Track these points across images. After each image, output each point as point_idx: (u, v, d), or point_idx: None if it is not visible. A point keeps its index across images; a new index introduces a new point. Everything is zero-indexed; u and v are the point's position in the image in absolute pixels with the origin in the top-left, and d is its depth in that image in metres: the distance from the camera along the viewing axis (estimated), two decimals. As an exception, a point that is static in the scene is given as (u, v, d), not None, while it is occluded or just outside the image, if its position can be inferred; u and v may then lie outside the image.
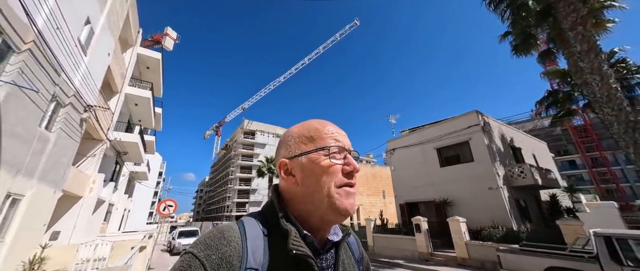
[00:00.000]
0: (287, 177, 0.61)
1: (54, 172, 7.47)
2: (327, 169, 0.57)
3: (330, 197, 0.56)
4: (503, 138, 12.42)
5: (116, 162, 14.79)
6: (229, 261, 0.48)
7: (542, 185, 10.78)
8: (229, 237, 0.52)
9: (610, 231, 4.10)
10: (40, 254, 7.06)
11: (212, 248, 0.49)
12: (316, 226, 0.59)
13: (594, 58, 7.02)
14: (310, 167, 0.58)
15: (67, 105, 7.41)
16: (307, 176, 0.58)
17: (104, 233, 13.90)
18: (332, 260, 0.60)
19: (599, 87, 6.88)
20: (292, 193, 0.61)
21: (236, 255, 0.50)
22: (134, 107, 15.00)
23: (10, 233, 6.01)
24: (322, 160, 0.58)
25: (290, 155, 0.61)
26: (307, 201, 0.58)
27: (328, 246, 0.61)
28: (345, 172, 0.59)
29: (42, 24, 5.43)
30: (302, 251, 0.51)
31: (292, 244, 0.51)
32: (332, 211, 0.56)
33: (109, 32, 9.58)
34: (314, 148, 0.59)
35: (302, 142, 0.61)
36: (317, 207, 0.57)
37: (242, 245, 0.52)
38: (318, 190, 0.57)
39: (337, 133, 0.63)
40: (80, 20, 7.28)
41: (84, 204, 10.47)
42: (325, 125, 0.63)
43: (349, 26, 61.27)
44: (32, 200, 6.54)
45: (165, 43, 29.02)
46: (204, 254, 0.48)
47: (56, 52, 6.13)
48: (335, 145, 0.59)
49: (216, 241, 0.51)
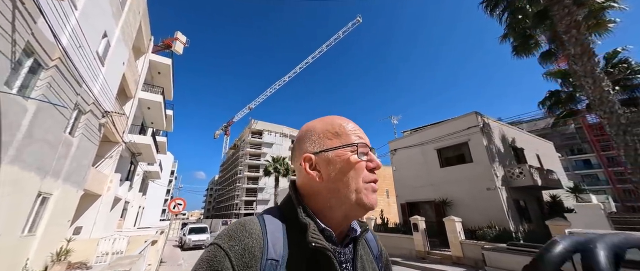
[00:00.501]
0: (311, 171, 0.61)
1: (77, 173, 8.24)
2: (355, 165, 0.58)
3: (358, 192, 0.57)
4: (504, 139, 12.45)
5: (131, 162, 15.75)
6: (251, 252, 0.50)
7: (542, 185, 10.81)
8: (250, 229, 0.53)
9: (582, 231, 4.32)
10: (66, 247, 7.83)
11: (235, 239, 0.51)
12: (338, 221, 0.59)
13: (587, 61, 7.10)
14: (337, 163, 0.59)
15: (88, 112, 8.14)
16: (333, 171, 0.59)
17: (120, 229, 14.86)
18: (350, 254, 0.61)
19: (592, 90, 6.97)
20: (314, 189, 0.61)
21: (258, 246, 0.51)
22: (146, 110, 15.87)
23: (40, 228, 6.76)
24: (350, 156, 0.58)
25: (316, 150, 0.62)
26: (332, 197, 0.59)
27: (346, 241, 0.61)
28: (369, 169, 0.60)
29: (66, 42, 6.10)
30: (321, 244, 0.52)
31: (311, 236, 0.52)
32: (358, 206, 0.57)
33: (124, 43, 10.32)
34: (341, 144, 0.60)
35: (327, 137, 0.62)
36: (342, 203, 0.57)
37: (262, 237, 0.53)
38: (345, 186, 0.57)
39: (359, 130, 0.64)
40: (98, 35, 7.98)
41: (102, 202, 11.33)
42: (347, 122, 0.64)
43: (352, 23, 61.04)
44: (59, 198, 7.30)
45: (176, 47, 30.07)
46: (227, 245, 0.50)
47: (77, 64, 6.82)
48: (360, 142, 0.60)
49: (239, 233, 0.52)
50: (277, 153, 55.06)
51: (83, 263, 8.39)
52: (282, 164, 31.27)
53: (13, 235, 5.57)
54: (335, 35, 62.41)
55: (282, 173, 30.79)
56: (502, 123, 13.19)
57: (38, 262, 6.74)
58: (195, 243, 16.03)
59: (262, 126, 59.12)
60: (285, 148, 59.14)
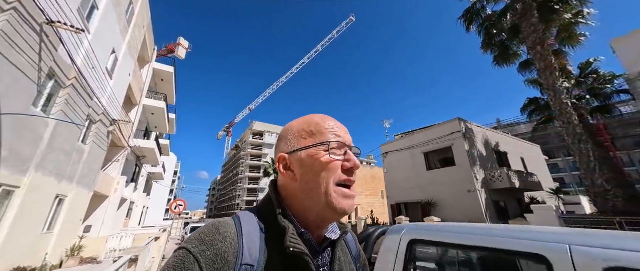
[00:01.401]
0: (286, 172, 0.60)
1: (88, 176, 9.10)
2: (326, 165, 0.55)
3: (327, 195, 0.54)
4: (487, 144, 13.10)
5: (136, 165, 16.65)
6: (224, 257, 0.47)
7: (520, 188, 11.45)
8: (224, 233, 0.51)
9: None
10: (79, 243, 8.70)
11: (206, 244, 0.48)
12: (314, 223, 0.57)
13: (549, 75, 7.77)
14: (309, 163, 0.56)
15: (98, 121, 9.00)
16: (306, 172, 0.56)
17: (126, 228, 15.77)
18: (329, 258, 0.60)
19: (553, 102, 7.62)
20: (291, 189, 0.59)
21: (232, 251, 0.49)
22: (150, 115, 16.77)
23: (57, 226, 7.61)
24: (321, 155, 0.56)
25: (290, 149, 0.60)
26: (305, 197, 0.56)
27: (325, 244, 0.60)
28: (345, 169, 0.57)
29: (80, 62, 6.94)
30: (299, 249, 0.50)
31: (289, 241, 0.50)
32: (329, 209, 0.54)
33: (130, 56, 11.18)
34: (314, 143, 0.58)
35: (302, 136, 0.60)
36: (315, 204, 0.55)
37: (237, 240, 0.51)
38: (316, 186, 0.55)
39: (337, 128, 0.60)
40: (107, 52, 8.83)
41: (110, 203, 12.21)
42: (326, 120, 0.61)
43: (345, 23, 61.52)
44: (73, 199, 8.15)
45: (178, 52, 31.09)
46: (198, 250, 0.47)
47: (89, 80, 7.66)
48: (335, 140, 0.58)
49: (211, 237, 0.49)
50: (278, 154, 55.90)
51: (93, 258, 9.24)
52: (282, 165, 32.17)
53: (35, 232, 6.42)
54: (330, 34, 63.14)
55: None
56: (486, 129, 13.83)
57: (55, 257, 7.60)
58: (197, 241, 16.86)
59: (263, 127, 60.05)
60: (286, 149, 59.88)
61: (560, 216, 6.66)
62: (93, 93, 8.15)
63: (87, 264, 8.75)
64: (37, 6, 4.71)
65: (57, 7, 5.31)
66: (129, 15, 10.20)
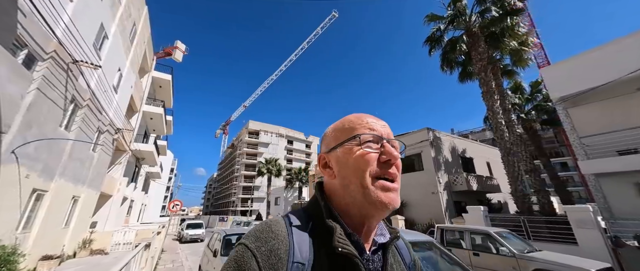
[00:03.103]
0: (324, 169, 0.62)
1: (96, 179, 10.43)
2: (360, 158, 0.55)
3: (364, 187, 0.53)
4: (453, 150, 14.65)
5: (136, 166, 17.93)
6: (277, 253, 0.49)
7: (478, 190, 13.03)
8: (276, 231, 0.53)
9: (442, 225, 6.52)
10: (89, 237, 10.07)
11: (261, 241, 0.51)
12: (359, 222, 0.56)
13: (489, 98, 9.26)
14: (344, 158, 0.57)
15: (105, 131, 10.30)
16: (342, 167, 0.58)
17: (127, 224, 17.11)
18: (380, 262, 0.58)
19: (491, 120, 9.13)
20: (332, 187, 0.61)
21: (283, 248, 0.50)
22: (149, 120, 18.02)
23: (72, 222, 8.96)
24: (355, 149, 0.56)
25: (328, 148, 0.62)
26: (345, 194, 0.57)
27: (375, 248, 0.59)
28: (382, 161, 0.55)
29: (94, 85, 8.24)
30: (347, 249, 0.50)
31: (337, 241, 0.50)
32: (369, 204, 0.53)
33: (132, 71, 12.44)
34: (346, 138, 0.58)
35: (338, 134, 0.61)
36: (354, 199, 0.55)
37: (288, 239, 0.52)
38: (353, 181, 0.55)
39: (374, 123, 0.60)
40: (114, 71, 10.11)
41: (113, 201, 13.54)
42: (362, 117, 0.62)
43: (329, 19, 62.55)
44: (84, 200, 9.50)
45: (175, 55, 32.09)
46: (254, 245, 0.50)
47: (100, 98, 8.96)
48: (369, 133, 0.57)
49: (265, 234, 0.52)
50: (273, 153, 57.29)
51: (101, 249, 10.61)
52: (275, 165, 33.50)
53: (57, 227, 7.78)
54: (314, 31, 64.16)
55: (275, 173, 33.05)
56: (454, 136, 15.38)
57: (70, 248, 8.96)
58: (192, 237, 18.22)
59: (259, 126, 61.15)
60: (281, 148, 61.30)
61: (486, 216, 8.19)
62: (102, 108, 9.46)
63: (96, 255, 10.13)
64: (66, 51, 6.03)
65: (78, 46, 6.61)
66: (132, 35, 11.45)
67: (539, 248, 5.57)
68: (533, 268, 4.63)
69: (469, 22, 10.05)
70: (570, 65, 8.66)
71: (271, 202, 33.93)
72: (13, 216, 5.43)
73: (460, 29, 10.63)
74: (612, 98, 8.36)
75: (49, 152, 6.39)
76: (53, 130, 6.36)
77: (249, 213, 50.15)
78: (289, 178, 32.65)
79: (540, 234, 7.26)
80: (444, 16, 10.82)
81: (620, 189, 7.43)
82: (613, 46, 7.92)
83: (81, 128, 7.75)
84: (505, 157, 8.52)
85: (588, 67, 8.16)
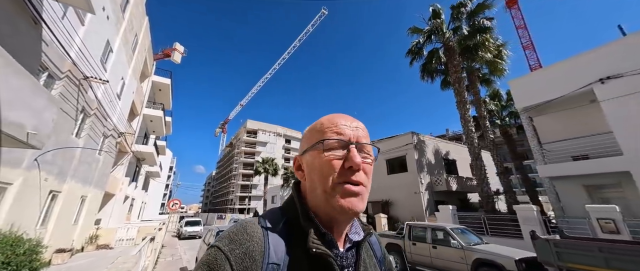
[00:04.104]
0: (298, 171, 0.63)
1: (101, 180, 11.27)
2: (324, 164, 0.56)
3: (327, 193, 0.54)
4: (437, 153, 15.56)
5: (136, 166, 18.76)
6: (251, 255, 0.50)
7: (457, 190, 13.97)
8: (251, 232, 0.53)
9: (410, 222, 7.43)
10: (95, 233, 10.94)
11: (235, 243, 0.51)
12: (328, 223, 0.58)
13: (462, 107, 10.15)
14: (311, 162, 0.59)
15: (109, 136, 11.13)
16: (310, 171, 0.59)
17: (128, 221, 17.99)
18: (353, 259, 0.60)
19: (463, 128, 10.02)
20: (304, 189, 0.62)
21: (258, 250, 0.51)
22: (149, 122, 18.83)
23: (80, 219, 9.83)
24: (320, 154, 0.57)
25: (301, 151, 0.63)
26: (313, 196, 0.58)
27: (349, 245, 0.61)
28: (346, 167, 0.55)
29: (100, 96, 9.06)
30: (321, 250, 0.52)
31: (311, 242, 0.52)
32: (331, 208, 0.54)
33: (134, 78, 13.23)
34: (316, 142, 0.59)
35: (310, 137, 0.62)
36: (320, 202, 0.56)
37: (263, 240, 0.53)
38: (318, 185, 0.56)
39: (344, 126, 0.59)
40: (118, 80, 10.92)
41: (116, 200, 14.40)
42: (334, 119, 0.61)
43: (319, 16, 62.90)
44: (91, 199, 10.35)
45: (174, 57, 32.73)
46: (228, 248, 0.50)
47: (105, 106, 9.78)
48: (334, 138, 0.57)
49: (239, 236, 0.52)
50: (271, 151, 58.14)
51: (106, 244, 11.49)
52: (271, 165, 34.35)
53: (68, 223, 8.64)
54: (305, 29, 64.59)
55: (271, 173, 33.90)
56: (439, 140, 16.29)
57: (78, 243, 9.83)
58: (190, 233, 19.10)
59: (257, 125, 61.91)
60: (279, 147, 62.16)
61: (454, 214, 9.11)
62: (107, 114, 10.28)
63: (102, 249, 11.01)
64: (78, 69, 6.86)
65: (88, 63, 7.43)
66: (133, 46, 12.24)
67: (488, 242, 6.50)
68: (475, 257, 5.55)
69: (445, 37, 10.90)
70: (533, 78, 9.55)
71: (268, 200, 34.86)
72: (35, 214, 6.29)
73: (439, 42, 11.48)
74: (570, 109, 9.27)
75: (63, 158, 7.24)
76: (66, 138, 7.20)
77: (246, 211, 51.11)
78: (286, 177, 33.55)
79: (498, 230, 8.19)
80: (424, 29, 11.66)
81: (571, 191, 8.37)
82: (570, 62, 8.80)
83: (89, 135, 8.58)
84: (474, 162, 9.41)
85: (549, 81, 9.04)
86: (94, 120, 8.91)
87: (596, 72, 7.83)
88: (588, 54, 8.45)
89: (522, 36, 42.49)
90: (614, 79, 7.39)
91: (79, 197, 9.10)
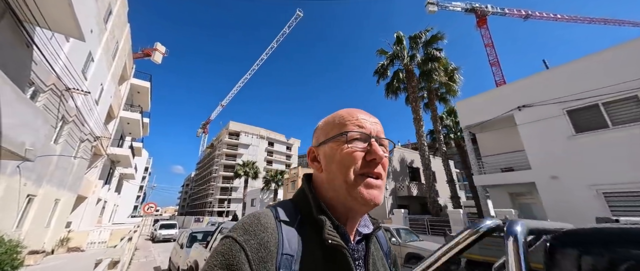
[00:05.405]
0: (313, 163, 0.64)
1: (75, 183, 11.44)
2: (346, 155, 0.56)
3: (348, 183, 0.55)
4: (402, 161, 17.17)
5: (110, 168, 18.57)
6: (266, 246, 0.50)
7: (418, 195, 15.58)
8: (265, 224, 0.53)
9: None
10: (67, 236, 11.08)
11: (250, 233, 0.51)
12: (343, 215, 0.59)
13: (417, 124, 11.68)
14: (330, 154, 0.59)
15: (85, 140, 11.37)
16: (328, 162, 0.59)
17: (100, 224, 17.75)
18: (363, 251, 0.61)
19: (417, 142, 11.54)
20: (319, 180, 0.63)
21: (273, 240, 0.51)
22: (126, 125, 18.77)
23: (53, 222, 10.02)
24: (341, 146, 0.58)
25: (317, 142, 0.64)
26: (330, 187, 0.59)
27: (358, 238, 0.62)
28: (368, 160, 0.57)
29: (80, 104, 9.43)
30: (336, 241, 0.52)
31: (327, 234, 0.52)
32: (352, 199, 0.55)
33: (113, 82, 13.47)
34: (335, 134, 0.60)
35: (328, 129, 0.63)
36: (338, 194, 0.57)
37: (277, 231, 0.53)
38: (338, 176, 0.57)
39: (364, 120, 0.61)
40: (98, 87, 11.23)
41: (88, 203, 14.38)
42: (353, 112, 0.63)
43: (294, 18, 64.65)
44: (64, 202, 10.55)
45: (154, 57, 32.26)
46: (243, 238, 0.50)
47: (83, 112, 10.11)
48: (356, 131, 0.59)
49: (254, 227, 0.52)
50: (254, 154, 57.98)
51: (78, 247, 11.61)
52: (252, 168, 34.71)
53: (42, 226, 8.90)
54: (281, 31, 66.12)
55: (252, 176, 34.25)
56: (404, 149, 17.94)
57: (49, 245, 10.01)
58: (165, 236, 19.13)
59: (240, 127, 61.46)
60: (261, 150, 62.07)
61: (405, 216, 10.55)
62: (85, 120, 10.59)
63: (73, 252, 11.16)
64: (61, 81, 7.37)
65: (70, 75, 7.92)
66: (114, 52, 12.56)
67: (423, 240, 7.86)
68: (407, 252, 6.84)
69: (403, 62, 12.49)
70: (474, 101, 11.28)
71: (248, 203, 35.06)
72: (12, 216, 6.69)
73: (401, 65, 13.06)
74: (501, 128, 11.08)
75: (41, 163, 7.63)
76: (46, 145, 7.61)
77: (225, 214, 50.52)
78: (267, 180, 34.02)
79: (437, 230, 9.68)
80: (389, 53, 13.21)
81: (500, 196, 10.08)
82: (501, 90, 10.60)
83: (67, 141, 8.95)
84: (425, 171, 10.91)
85: (485, 104, 10.77)
86: (72, 127, 9.27)
87: (517, 101, 9.61)
88: (513, 84, 10.27)
89: (489, 54, 46.42)
90: (527, 107, 9.17)
91: (53, 200, 9.36)
